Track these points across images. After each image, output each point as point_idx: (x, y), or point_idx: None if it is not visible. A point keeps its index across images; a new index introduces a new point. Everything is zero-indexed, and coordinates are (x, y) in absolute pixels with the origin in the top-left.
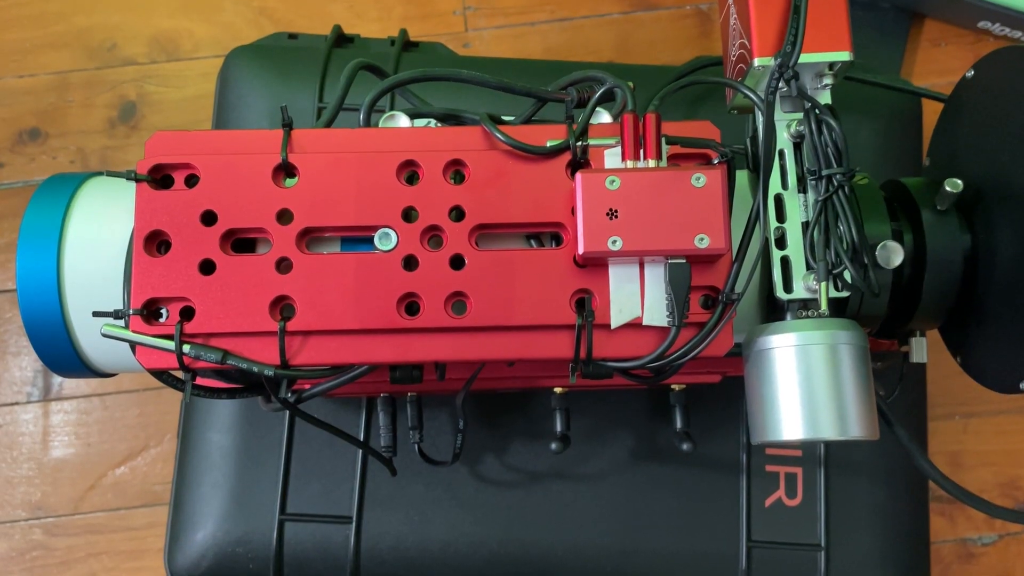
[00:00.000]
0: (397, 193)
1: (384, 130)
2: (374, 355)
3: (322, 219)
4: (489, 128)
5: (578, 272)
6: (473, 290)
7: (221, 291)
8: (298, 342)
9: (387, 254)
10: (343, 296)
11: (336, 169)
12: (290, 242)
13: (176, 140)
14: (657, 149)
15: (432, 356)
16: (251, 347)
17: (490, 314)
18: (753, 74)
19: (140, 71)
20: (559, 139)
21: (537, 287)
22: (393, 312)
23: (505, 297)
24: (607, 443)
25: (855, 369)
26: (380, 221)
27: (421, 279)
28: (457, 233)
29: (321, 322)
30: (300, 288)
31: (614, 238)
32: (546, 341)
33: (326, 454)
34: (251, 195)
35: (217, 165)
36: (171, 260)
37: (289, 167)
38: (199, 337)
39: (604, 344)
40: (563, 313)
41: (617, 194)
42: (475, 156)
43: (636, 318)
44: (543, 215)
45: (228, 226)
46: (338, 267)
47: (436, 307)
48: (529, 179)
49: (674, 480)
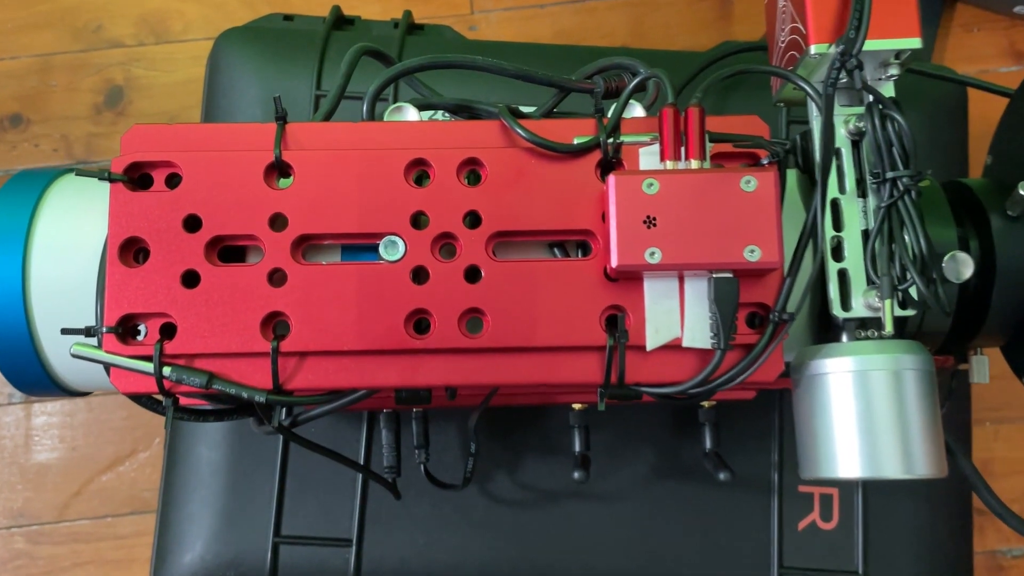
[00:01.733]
0: (405, 196)
1: (390, 124)
2: (379, 379)
3: (320, 225)
4: (509, 122)
5: (609, 286)
6: (490, 306)
7: (206, 306)
8: (293, 364)
9: (393, 265)
10: (344, 312)
11: (336, 168)
12: (284, 251)
13: (156, 135)
14: (701, 147)
15: (444, 380)
16: (240, 369)
17: (509, 333)
18: (807, 63)
19: (127, 53)
20: (587, 135)
21: (562, 303)
22: (400, 331)
23: (526, 314)
24: (627, 459)
25: (921, 398)
26: (386, 228)
27: (432, 293)
28: (472, 241)
29: (319, 342)
30: (295, 303)
31: (652, 249)
32: (572, 364)
33: (324, 471)
34: (240, 197)
35: (202, 163)
36: (150, 271)
37: (283, 166)
38: (181, 358)
39: (638, 367)
40: (592, 333)
41: (656, 199)
42: (492, 154)
43: (675, 339)
44: (569, 222)
45: (214, 232)
46: (338, 279)
47: (449, 325)
48: (553, 181)
49: (700, 500)
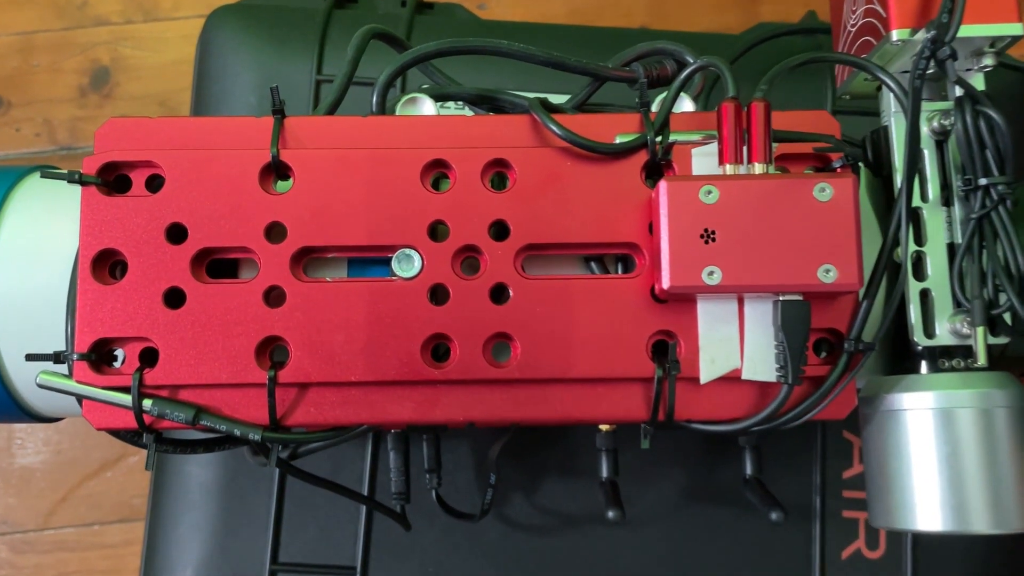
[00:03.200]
0: (421, 202)
1: (404, 119)
2: (390, 414)
3: (324, 235)
4: (541, 118)
5: (656, 309)
6: (519, 330)
7: (192, 329)
8: (292, 396)
9: (408, 282)
10: (351, 337)
11: (342, 170)
12: (282, 265)
13: (134, 130)
14: (766, 149)
15: (465, 416)
16: (232, 402)
17: (541, 362)
18: (886, 51)
19: (114, 32)
20: (631, 133)
21: (603, 327)
22: (416, 358)
23: (561, 340)
24: (655, 480)
25: (1016, 440)
26: (399, 239)
27: (453, 315)
28: (499, 255)
29: (322, 371)
30: (295, 326)
31: (711, 268)
32: (614, 398)
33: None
34: (232, 203)
35: (187, 163)
36: (127, 288)
37: (281, 167)
38: (164, 389)
39: (689, 402)
40: (637, 362)
41: (715, 210)
42: (522, 155)
43: (733, 371)
44: (611, 234)
45: (202, 244)
46: (344, 299)
47: (472, 352)
48: (592, 186)
49: (735, 525)
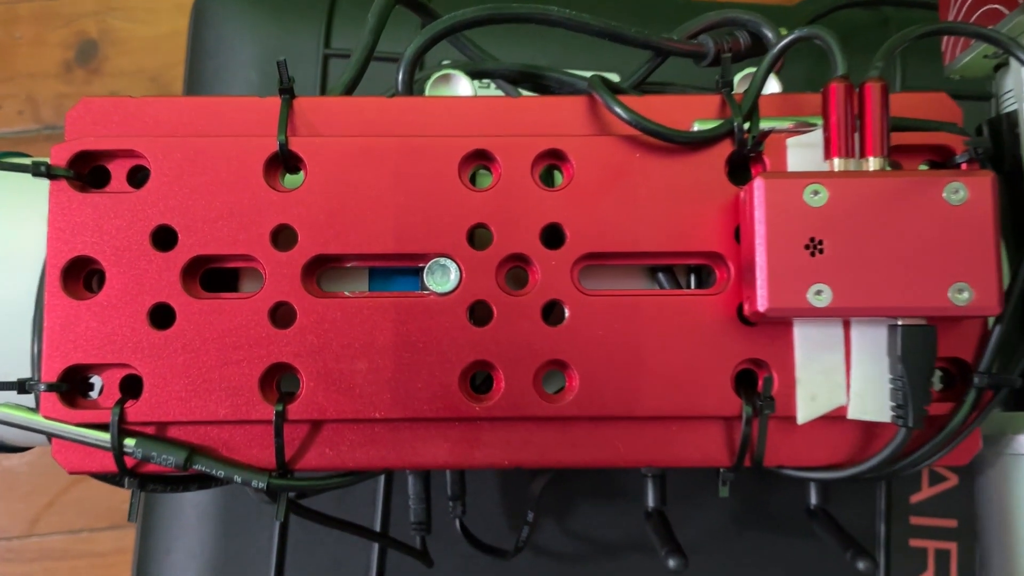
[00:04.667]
0: (459, 201)
1: (437, 100)
2: (422, 456)
3: (341, 241)
4: (604, 98)
5: (743, 333)
6: (577, 357)
7: (184, 354)
8: (304, 435)
9: (444, 298)
10: (374, 365)
11: (364, 161)
12: (292, 277)
13: (113, 111)
14: (883, 139)
15: (511, 459)
16: (232, 442)
17: (604, 396)
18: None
19: (102, 1)
20: (711, 119)
21: (678, 355)
22: (453, 391)
23: (627, 369)
24: (702, 505)
25: None
26: (433, 246)
27: (497, 338)
28: (552, 266)
29: (340, 406)
30: (308, 351)
31: (818, 287)
32: (691, 441)
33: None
34: (231, 201)
35: (178, 153)
36: (105, 303)
37: (291, 157)
38: (150, 426)
39: (782, 444)
40: (720, 398)
41: (823, 214)
42: (580, 144)
43: (837, 408)
44: (688, 241)
45: (195, 251)
46: (367, 318)
47: (520, 383)
48: (665, 182)
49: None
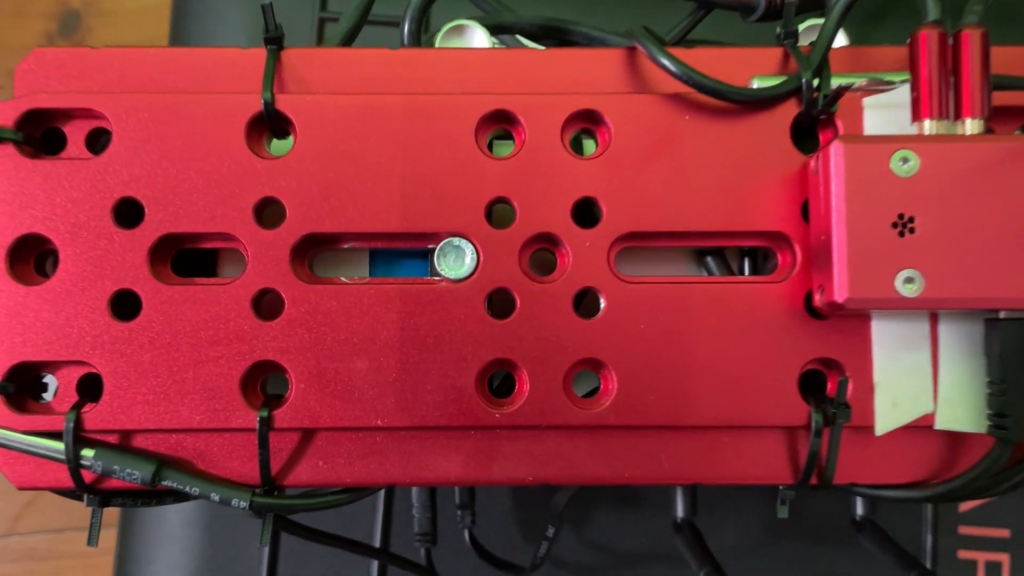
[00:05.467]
0: (476, 171)
1: (450, 52)
2: (431, 471)
3: (337, 218)
4: (649, 48)
5: (812, 327)
6: (616, 355)
7: (151, 350)
8: (294, 446)
9: (458, 285)
10: (376, 363)
11: (364, 124)
12: (279, 260)
13: (71, 64)
14: (984, 99)
15: (536, 474)
16: (209, 453)
17: (646, 401)
18: None
19: None
20: (772, 75)
21: (735, 353)
22: (469, 393)
23: (674, 370)
24: (733, 512)
25: None
26: (445, 224)
27: (520, 333)
28: (586, 248)
29: (335, 412)
30: (297, 347)
31: (908, 273)
32: (748, 454)
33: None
34: (207, 170)
35: (145, 113)
36: (59, 290)
37: (278, 119)
38: (112, 434)
39: (855, 458)
40: (784, 404)
41: (913, 186)
42: (618, 105)
43: (923, 417)
44: (744, 218)
45: (164, 228)
46: (367, 308)
47: (547, 386)
48: (719, 149)
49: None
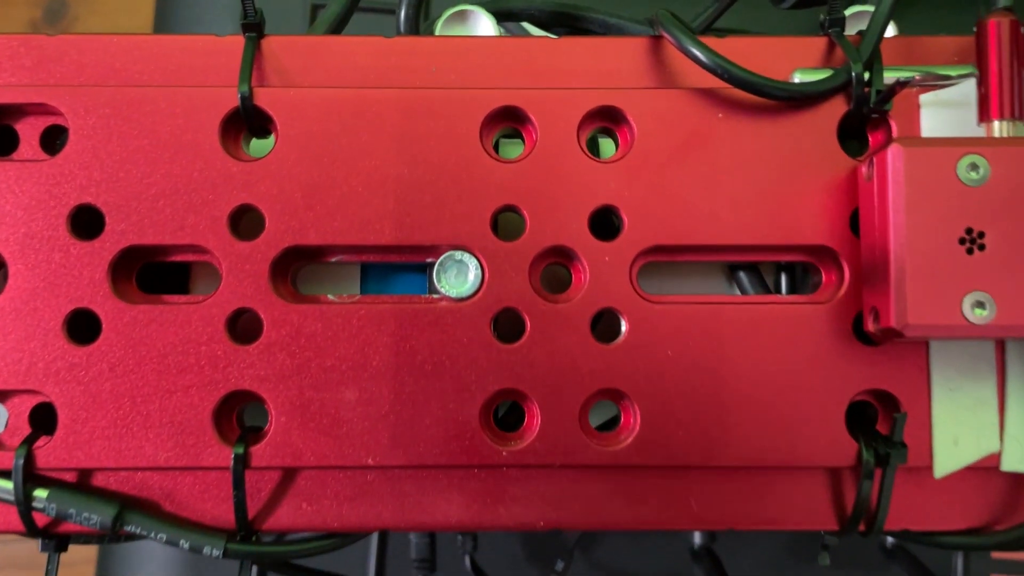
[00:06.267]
0: (481, 175)
1: (452, 42)
2: (430, 515)
3: (323, 228)
4: (678, 38)
5: (861, 354)
6: (639, 385)
7: (112, 378)
8: (274, 486)
9: (460, 304)
10: (368, 394)
11: (354, 122)
12: (257, 275)
13: (25, 53)
14: None
15: (548, 519)
16: (178, 493)
17: (674, 438)
18: None
19: None
20: (816, 68)
21: (775, 382)
22: (474, 428)
23: (704, 403)
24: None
25: None
26: (446, 235)
27: (530, 359)
28: (605, 263)
29: (321, 449)
30: (278, 374)
31: (978, 296)
32: (787, 497)
33: None
34: (176, 174)
35: (106, 109)
36: (8, 309)
37: (256, 116)
38: (69, 472)
39: (909, 502)
40: (830, 441)
41: (983, 196)
42: (642, 101)
43: (987, 457)
44: (785, 230)
45: (128, 239)
46: (357, 331)
47: (561, 419)
48: (756, 152)
49: None
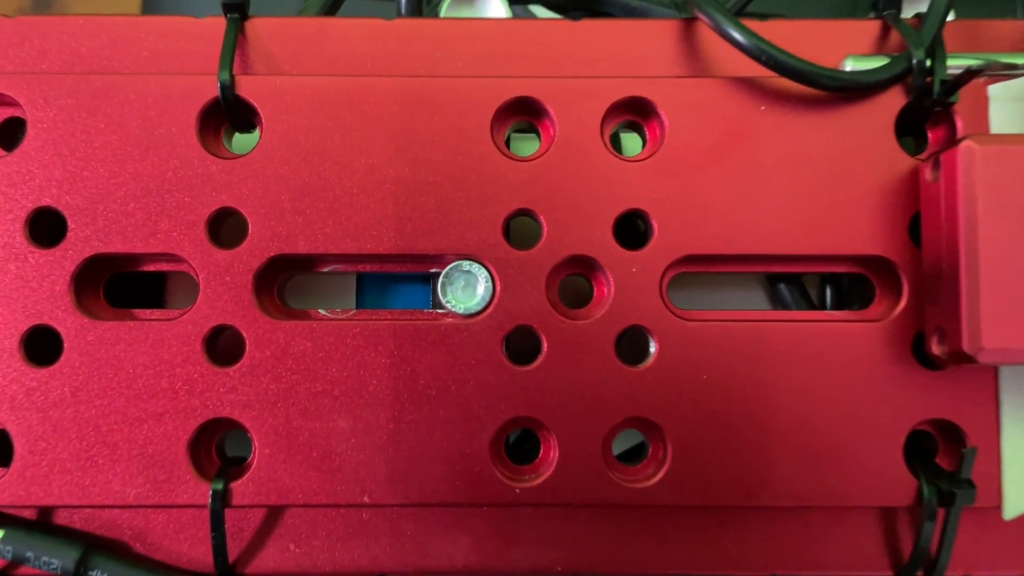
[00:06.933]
0: (492, 176)
1: (457, 25)
2: (433, 559)
3: (314, 234)
4: (715, 19)
5: (922, 379)
6: (670, 415)
7: (75, 403)
8: (259, 524)
9: (468, 321)
10: (362, 422)
11: (348, 115)
12: (240, 287)
13: None
14: None
15: (567, 565)
16: (149, 533)
17: (710, 474)
18: None
19: None
20: (868, 56)
21: (824, 410)
22: (483, 461)
23: (747, 435)
24: None
25: None
26: (451, 243)
27: (547, 383)
28: (632, 275)
29: (310, 485)
30: (261, 399)
31: None
32: (838, 540)
33: None
34: (148, 173)
35: (69, 99)
36: None
37: (239, 107)
38: (27, 510)
39: (971, 544)
40: (885, 478)
41: None
42: (672, 91)
43: None
44: (835, 239)
45: (93, 247)
46: (352, 351)
47: (582, 451)
48: (802, 150)
49: None
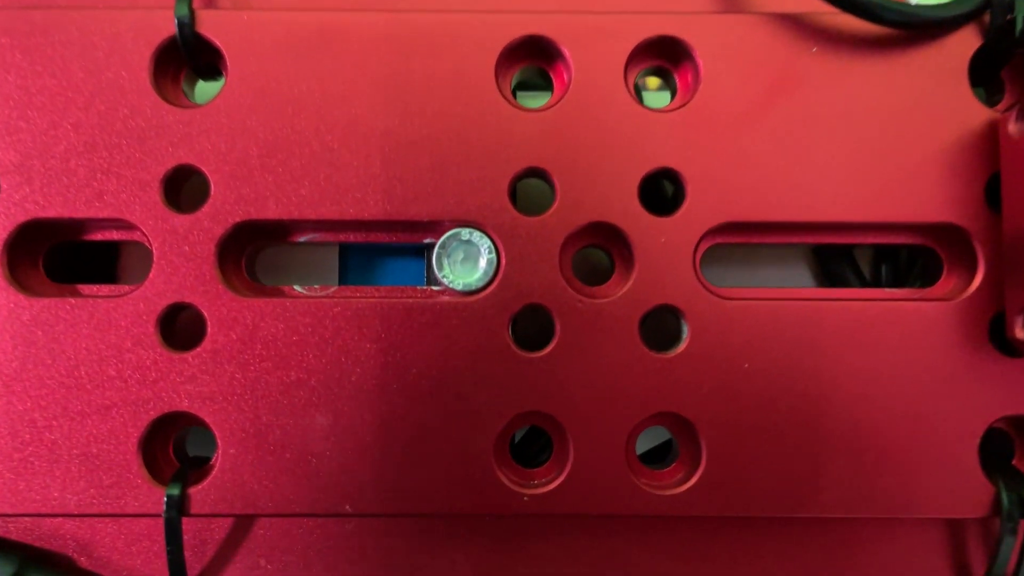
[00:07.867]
0: (497, 129)
1: None
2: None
3: (287, 197)
4: None
5: (1001, 368)
6: (705, 411)
7: (7, 394)
8: (224, 535)
9: (468, 298)
10: (343, 419)
11: (329, 57)
12: (200, 258)
13: None
14: None
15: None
16: (96, 545)
17: (750, 480)
18: None
19: None
20: None
21: (884, 405)
22: (486, 463)
23: (794, 434)
24: None
25: None
26: (449, 208)
27: (561, 372)
28: (661, 246)
29: (282, 492)
30: (224, 390)
31: None
32: (896, 555)
33: None
34: (93, 124)
35: (4, 39)
36: None
37: (200, 48)
38: None
39: None
40: (958, 484)
41: None
42: (708, 30)
43: None
44: (895, 204)
45: (31, 212)
46: (332, 334)
47: (600, 453)
48: (857, 99)
49: None
